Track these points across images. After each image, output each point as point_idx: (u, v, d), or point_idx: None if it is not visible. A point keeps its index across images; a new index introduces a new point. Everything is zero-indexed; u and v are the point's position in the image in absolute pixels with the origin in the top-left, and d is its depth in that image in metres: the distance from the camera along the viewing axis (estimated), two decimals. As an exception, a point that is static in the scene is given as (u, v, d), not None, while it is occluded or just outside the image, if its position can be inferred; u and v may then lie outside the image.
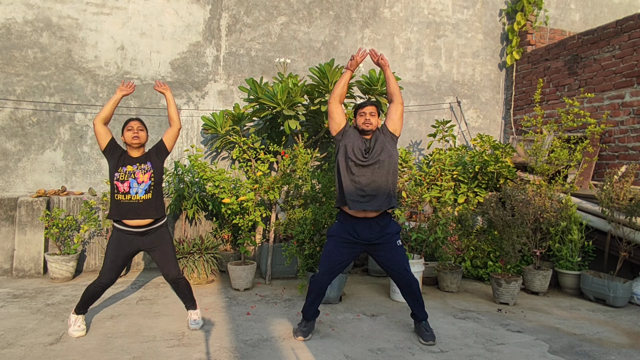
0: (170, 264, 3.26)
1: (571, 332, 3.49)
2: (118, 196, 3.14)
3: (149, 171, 3.21)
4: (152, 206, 3.18)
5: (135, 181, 3.16)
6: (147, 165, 3.23)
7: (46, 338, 3.10)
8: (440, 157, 5.53)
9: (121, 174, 3.17)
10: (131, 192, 3.14)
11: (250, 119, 5.39)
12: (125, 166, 3.19)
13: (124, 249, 3.17)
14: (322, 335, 3.28)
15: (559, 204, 4.72)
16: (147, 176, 3.19)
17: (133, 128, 3.21)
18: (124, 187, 3.14)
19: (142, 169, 3.21)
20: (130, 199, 3.14)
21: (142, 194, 3.16)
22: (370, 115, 3.14)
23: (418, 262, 4.24)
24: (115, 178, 3.16)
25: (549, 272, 4.57)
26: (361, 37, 6.37)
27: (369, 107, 3.16)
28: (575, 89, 6.04)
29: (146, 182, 3.18)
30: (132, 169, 3.19)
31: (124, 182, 3.15)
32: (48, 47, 5.24)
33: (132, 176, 3.16)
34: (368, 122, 3.13)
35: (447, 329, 3.49)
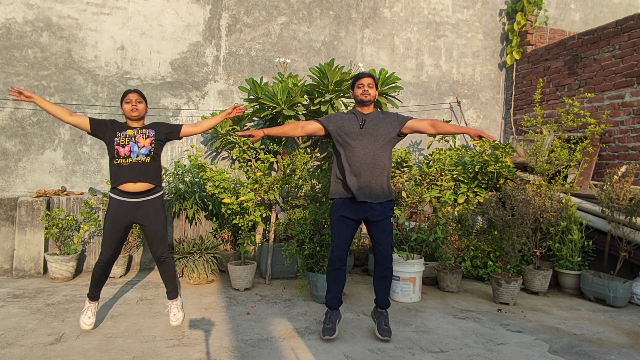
0: (159, 240, 3.22)
1: (571, 332, 3.49)
2: (118, 160, 3.08)
3: (150, 137, 3.17)
4: (150, 171, 3.14)
5: (136, 145, 3.12)
6: (150, 132, 3.19)
7: (46, 338, 3.10)
8: (440, 157, 5.53)
9: (121, 138, 3.11)
10: (132, 155, 3.10)
11: (250, 119, 5.39)
12: (125, 130, 3.15)
13: (120, 220, 3.13)
14: (322, 335, 3.28)
15: (559, 204, 4.72)
16: (148, 141, 3.15)
17: (132, 100, 3.16)
18: (124, 151, 3.08)
19: (144, 134, 3.17)
20: (130, 161, 3.09)
21: (142, 156, 3.12)
22: (368, 86, 3.16)
23: (418, 262, 4.24)
24: (115, 142, 3.09)
25: (549, 272, 4.57)
26: (361, 37, 6.38)
27: (367, 79, 3.18)
28: (575, 89, 6.04)
29: (147, 147, 3.14)
30: (132, 132, 3.15)
31: (124, 146, 3.09)
32: (48, 47, 5.24)
33: (132, 140, 3.12)
34: (366, 93, 3.15)
35: (447, 329, 3.49)
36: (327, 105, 5.02)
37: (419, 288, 4.26)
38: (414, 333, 3.37)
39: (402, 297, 4.17)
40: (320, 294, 4.05)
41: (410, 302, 4.17)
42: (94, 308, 3.26)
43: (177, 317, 3.35)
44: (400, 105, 6.21)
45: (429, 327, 3.51)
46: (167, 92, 5.64)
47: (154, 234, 3.21)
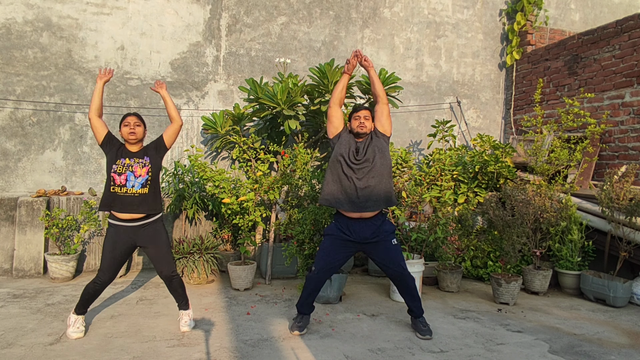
0: (163, 261, 3.23)
1: (571, 332, 3.49)
2: (114, 188, 3.12)
3: (147, 165, 3.20)
4: (148, 201, 3.16)
5: (133, 174, 3.14)
6: (145, 159, 3.22)
7: (46, 338, 3.10)
8: (440, 157, 5.53)
9: (119, 166, 3.15)
10: (127, 185, 3.12)
11: (250, 119, 5.39)
12: (124, 159, 3.18)
13: (120, 245, 3.14)
14: (322, 335, 3.28)
15: (559, 204, 4.72)
16: (144, 170, 3.18)
17: (130, 124, 3.19)
18: (120, 180, 3.12)
19: (140, 163, 3.19)
20: (125, 192, 3.12)
21: (138, 187, 3.14)
22: (365, 119, 3.23)
23: (418, 262, 4.24)
24: (113, 170, 3.14)
25: (549, 272, 4.57)
26: (361, 37, 6.38)
27: (363, 112, 3.26)
28: (575, 89, 6.04)
29: (143, 177, 3.16)
30: (130, 162, 3.17)
31: (121, 175, 3.13)
32: (48, 47, 5.24)
33: (129, 169, 3.15)
34: (362, 125, 3.21)
35: (447, 329, 3.49)
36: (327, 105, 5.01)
37: (419, 288, 4.25)
38: (414, 333, 3.37)
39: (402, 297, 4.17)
40: (320, 294, 4.04)
41: (410, 302, 4.17)
42: (81, 320, 3.22)
43: (189, 325, 3.36)
44: (400, 105, 6.21)
45: (429, 327, 3.51)
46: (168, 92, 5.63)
47: (158, 255, 3.22)
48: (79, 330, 3.16)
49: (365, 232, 3.16)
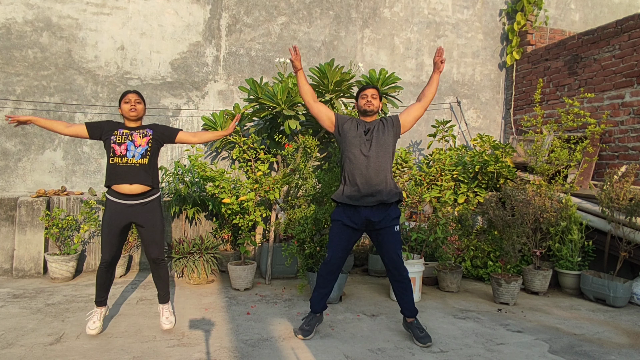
0: (155, 244, 3.20)
1: (571, 332, 3.49)
2: (114, 159, 3.06)
3: (147, 135, 3.15)
4: (148, 172, 3.11)
5: (133, 144, 3.09)
6: (148, 131, 3.17)
7: (46, 338, 3.10)
8: (440, 157, 5.53)
9: (118, 136, 3.10)
10: (128, 154, 3.07)
11: (250, 119, 5.39)
12: (123, 129, 3.14)
13: (117, 221, 3.09)
14: (322, 335, 3.28)
15: (559, 204, 4.72)
16: (145, 140, 3.12)
17: (130, 100, 3.14)
18: (120, 150, 3.06)
19: (141, 133, 3.15)
20: (126, 162, 3.06)
21: (138, 157, 3.09)
22: (372, 97, 3.20)
23: (418, 262, 4.24)
24: (112, 140, 3.07)
25: (549, 272, 4.57)
26: (361, 37, 6.38)
27: (371, 90, 3.23)
28: (575, 89, 6.04)
29: (143, 146, 3.11)
30: (129, 131, 3.14)
31: (121, 145, 3.08)
32: (48, 47, 5.24)
33: (129, 138, 3.09)
34: (370, 103, 3.19)
35: (447, 328, 3.49)
36: (327, 105, 5.02)
37: (419, 288, 4.26)
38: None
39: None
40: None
41: (410, 302, 4.17)
42: (99, 313, 3.22)
43: (170, 321, 3.33)
44: (400, 105, 6.21)
45: (429, 327, 3.50)
46: (167, 92, 5.64)
47: (150, 236, 3.18)
48: (94, 326, 3.16)
49: (372, 215, 3.13)
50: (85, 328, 3.19)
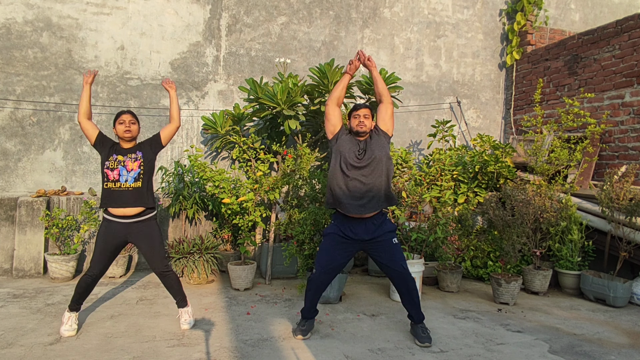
0: (156, 257, 3.23)
1: (571, 332, 3.50)
2: (108, 184, 3.16)
3: (138, 159, 3.23)
4: (141, 195, 3.18)
5: (125, 169, 3.17)
6: (138, 154, 3.25)
7: (46, 338, 3.10)
8: (440, 157, 5.53)
9: (111, 162, 3.19)
10: (120, 179, 3.16)
11: (250, 119, 5.39)
12: (117, 155, 3.22)
13: (111, 239, 3.16)
14: (322, 335, 3.28)
15: (559, 204, 4.72)
16: (136, 164, 3.20)
17: (125, 122, 3.22)
18: (113, 175, 3.16)
19: (132, 158, 3.23)
20: (120, 187, 3.15)
21: (131, 181, 3.16)
22: (364, 117, 3.19)
23: (418, 262, 4.24)
24: (106, 166, 3.18)
25: (549, 272, 4.57)
26: (361, 37, 6.38)
27: (363, 110, 3.22)
28: (575, 89, 6.04)
29: (135, 170, 3.19)
30: (122, 158, 3.21)
31: (113, 170, 3.17)
32: (48, 47, 5.24)
33: (121, 164, 3.19)
34: (362, 124, 3.17)
35: (447, 329, 3.49)
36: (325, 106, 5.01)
37: (419, 288, 4.26)
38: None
39: None
40: (320, 294, 4.04)
41: (410, 302, 4.17)
42: (75, 317, 3.23)
43: (189, 322, 3.37)
44: (400, 105, 6.21)
45: (429, 327, 3.50)
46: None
47: (150, 251, 3.23)
48: (71, 329, 3.17)
49: (366, 232, 3.13)
50: (60, 331, 3.16)
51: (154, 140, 3.35)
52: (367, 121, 3.19)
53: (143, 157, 3.25)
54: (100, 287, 4.45)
